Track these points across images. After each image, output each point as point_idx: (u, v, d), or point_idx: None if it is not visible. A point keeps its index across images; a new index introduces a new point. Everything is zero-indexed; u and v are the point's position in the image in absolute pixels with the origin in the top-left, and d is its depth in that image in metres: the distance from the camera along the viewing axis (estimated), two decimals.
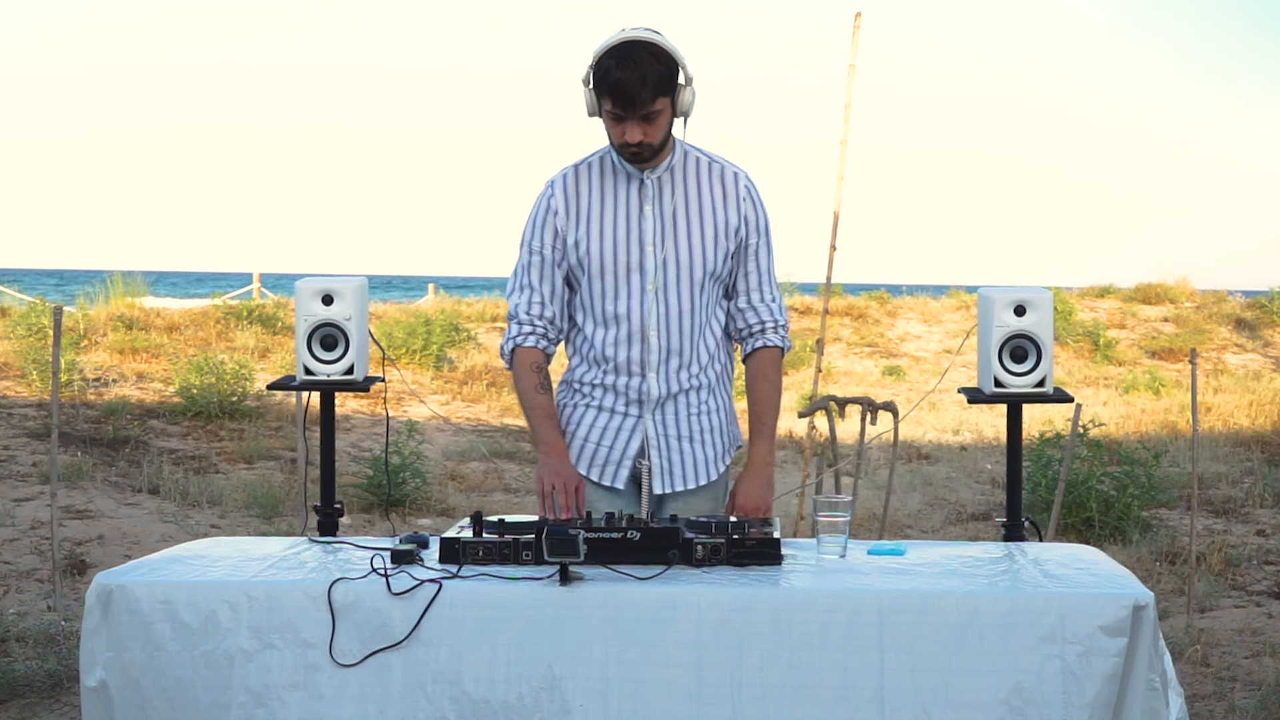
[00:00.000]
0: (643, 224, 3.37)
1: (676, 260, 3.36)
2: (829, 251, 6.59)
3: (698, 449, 3.44)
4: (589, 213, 3.38)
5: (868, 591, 2.79)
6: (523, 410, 3.45)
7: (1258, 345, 18.61)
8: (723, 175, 3.42)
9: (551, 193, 3.42)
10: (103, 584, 2.89)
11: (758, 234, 3.44)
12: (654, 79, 3.20)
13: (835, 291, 19.93)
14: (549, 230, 3.40)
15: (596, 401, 3.44)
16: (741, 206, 3.41)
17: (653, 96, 3.21)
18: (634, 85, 3.19)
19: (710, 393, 3.46)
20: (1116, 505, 7.99)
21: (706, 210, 3.39)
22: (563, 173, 3.44)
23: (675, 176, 3.40)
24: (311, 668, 2.81)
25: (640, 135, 3.25)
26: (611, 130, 3.29)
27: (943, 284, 22.34)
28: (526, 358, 3.42)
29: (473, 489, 9.54)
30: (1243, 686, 5.04)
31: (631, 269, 3.36)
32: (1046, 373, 3.61)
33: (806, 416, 6.07)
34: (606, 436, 3.43)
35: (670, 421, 3.42)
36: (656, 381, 3.39)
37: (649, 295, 3.36)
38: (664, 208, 3.38)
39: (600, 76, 3.22)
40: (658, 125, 3.27)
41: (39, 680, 4.85)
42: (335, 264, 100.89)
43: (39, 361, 11.33)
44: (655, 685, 2.73)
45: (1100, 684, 2.70)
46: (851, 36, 6.42)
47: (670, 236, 3.36)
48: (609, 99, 3.22)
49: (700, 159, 3.43)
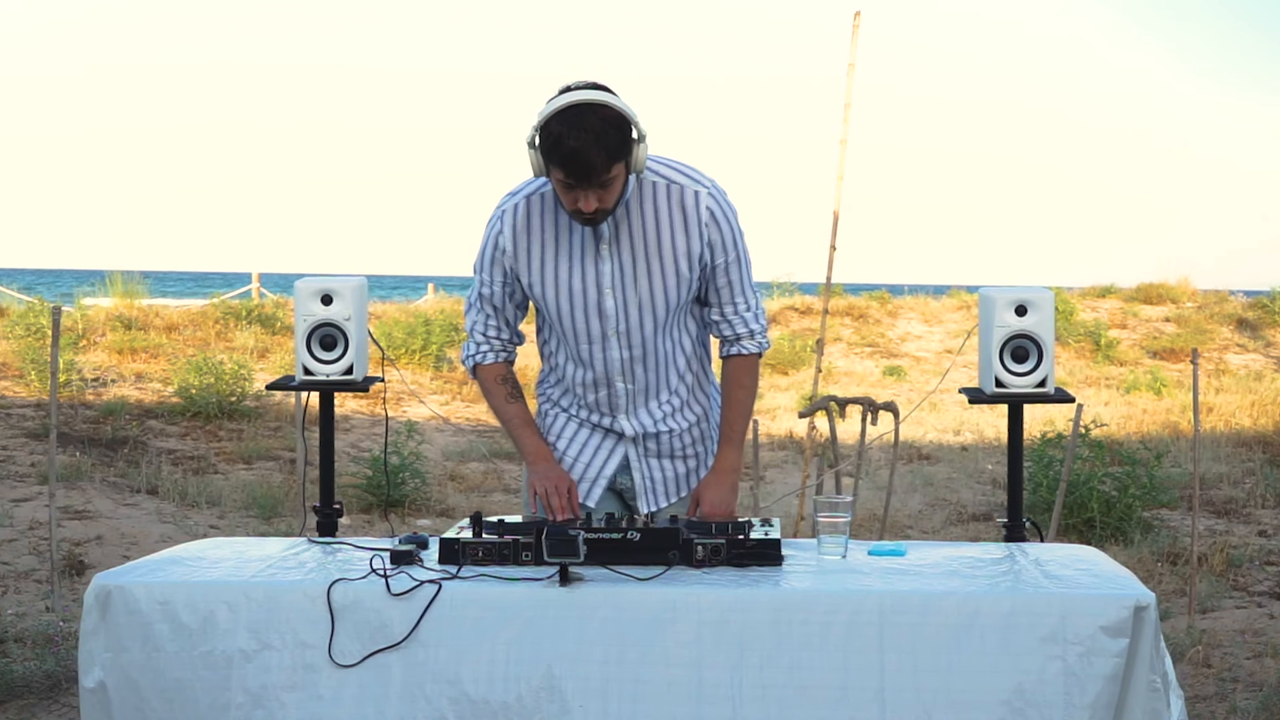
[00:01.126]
0: (599, 267, 3.20)
1: (639, 302, 3.21)
2: (829, 251, 6.58)
3: (678, 464, 3.43)
4: (541, 256, 3.22)
5: (868, 592, 2.79)
6: (501, 423, 3.42)
7: (1259, 345, 18.60)
8: (682, 198, 3.18)
9: (500, 229, 3.24)
10: (101, 585, 2.89)
11: (724, 252, 3.23)
12: (610, 146, 2.96)
13: (835, 291, 19.93)
14: (498, 268, 3.27)
15: (576, 413, 3.41)
16: (705, 231, 3.19)
17: (607, 165, 2.98)
18: (588, 156, 2.94)
19: (685, 405, 3.41)
20: (1118, 506, 7.98)
21: (665, 243, 3.18)
22: (513, 203, 3.24)
23: (631, 211, 3.18)
24: (310, 668, 2.80)
25: (595, 203, 3.04)
26: (563, 197, 3.06)
27: (943, 284, 22.34)
28: (491, 373, 3.39)
29: (472, 489, 9.53)
30: (1244, 687, 5.03)
31: (590, 313, 3.23)
32: (1047, 373, 3.60)
33: (807, 417, 6.06)
34: (585, 453, 3.40)
35: (651, 442, 3.39)
36: (628, 420, 3.36)
37: (611, 340, 3.26)
38: (621, 248, 3.19)
39: (550, 145, 2.97)
40: (612, 190, 3.05)
41: (37, 681, 4.84)
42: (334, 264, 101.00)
43: (37, 361, 11.32)
44: (655, 686, 2.73)
45: (1101, 685, 2.69)
46: (851, 35, 6.41)
47: (630, 277, 3.20)
48: (560, 170, 2.99)
49: (658, 183, 3.18)
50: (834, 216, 6.56)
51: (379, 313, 16.90)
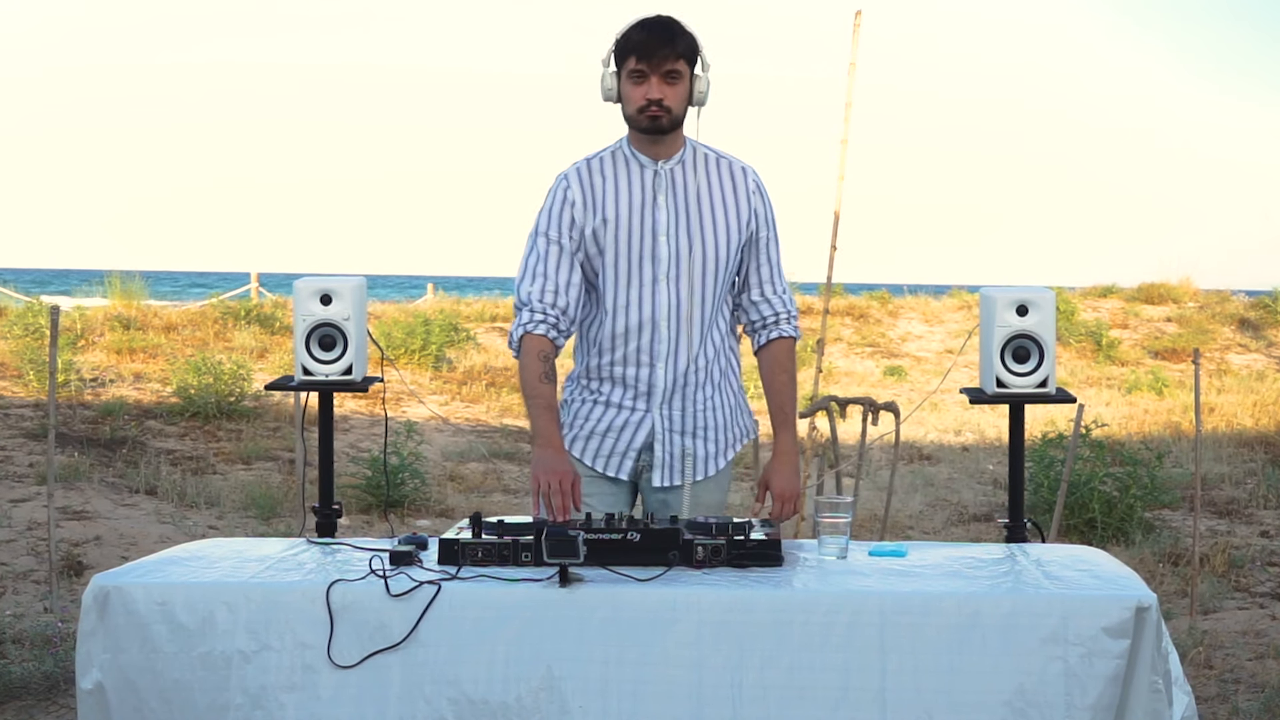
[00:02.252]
0: (656, 214, 3.39)
1: (690, 250, 3.38)
2: (830, 251, 6.56)
3: (700, 444, 3.45)
4: (603, 202, 3.39)
5: (869, 593, 2.78)
6: (524, 398, 3.42)
7: (1261, 345, 18.59)
8: (731, 169, 3.46)
9: (568, 184, 3.43)
10: (100, 585, 2.88)
11: (767, 227, 3.48)
12: (680, 40, 3.30)
13: (836, 291, 19.92)
14: (565, 219, 3.40)
15: (604, 397, 3.44)
16: (751, 200, 3.45)
17: (676, 55, 3.29)
18: (660, 40, 3.28)
19: (715, 388, 3.46)
20: (1119, 506, 7.97)
21: (718, 202, 3.42)
22: (575, 166, 3.46)
23: (687, 169, 3.43)
24: (309, 669, 2.80)
25: (660, 94, 3.30)
26: (631, 95, 3.32)
27: (944, 284, 22.32)
28: (535, 345, 3.37)
29: (472, 490, 9.52)
30: (1246, 689, 5.02)
31: (645, 258, 3.38)
32: (1049, 373, 3.59)
33: (807, 417, 6.04)
34: (614, 429, 3.44)
35: (677, 416, 3.42)
36: (665, 372, 3.39)
37: (661, 285, 3.38)
38: (677, 198, 3.40)
39: (624, 40, 3.30)
40: (677, 89, 3.32)
41: (35, 682, 4.83)
42: (333, 263, 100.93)
43: (36, 361, 11.30)
44: (655, 686, 2.72)
45: (1103, 685, 2.69)
46: (852, 35, 6.40)
47: (684, 226, 3.39)
48: (633, 56, 3.28)
49: (709, 155, 3.47)
50: (835, 216, 6.55)
51: (378, 313, 16.89)
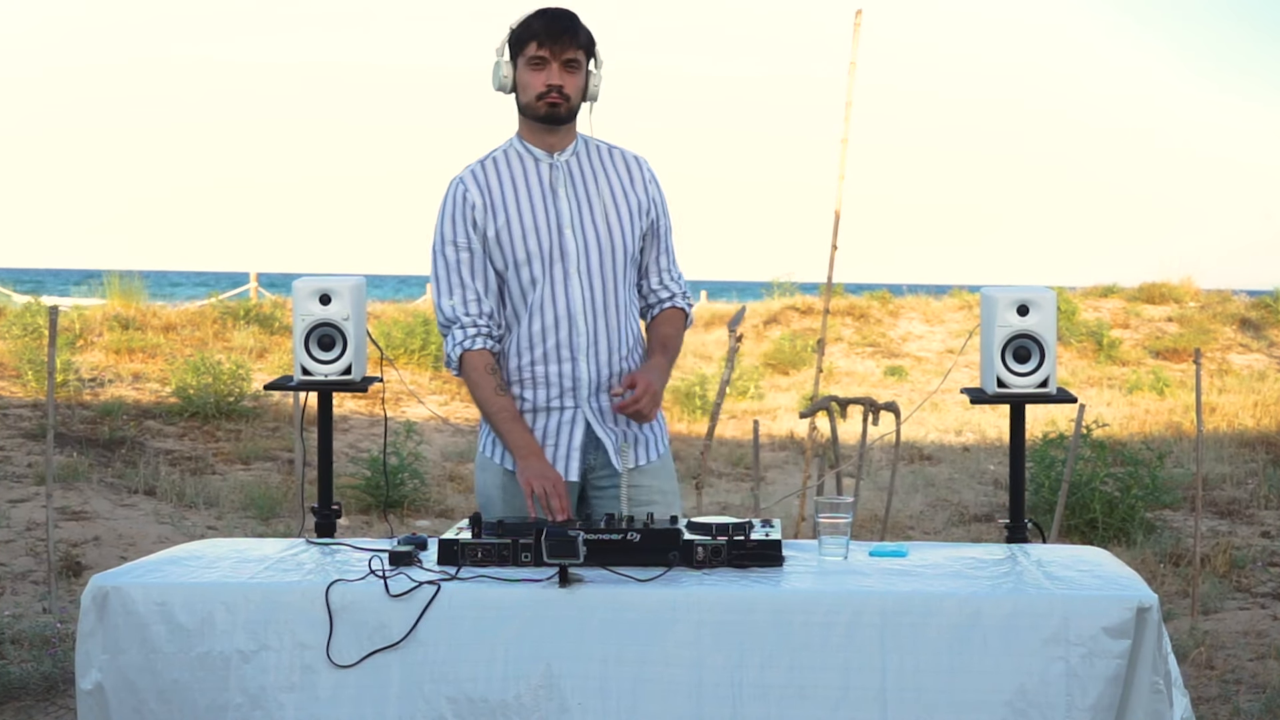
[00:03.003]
0: (558, 206, 3.38)
1: (598, 242, 3.38)
2: (830, 251, 6.56)
3: (637, 429, 3.43)
4: (503, 201, 3.37)
5: (870, 593, 2.77)
6: (485, 416, 3.39)
7: (1263, 345, 18.58)
8: (625, 160, 3.47)
9: (465, 188, 3.39)
10: (98, 586, 2.88)
11: (664, 216, 3.51)
12: (580, 30, 3.33)
13: (836, 291, 19.92)
14: (467, 223, 3.37)
15: (530, 404, 3.39)
16: (649, 189, 3.46)
17: (578, 45, 3.32)
18: (562, 25, 3.30)
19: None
20: (1120, 507, 7.96)
21: (618, 191, 3.43)
22: (469, 168, 3.43)
23: (583, 160, 3.43)
24: (308, 669, 2.79)
25: (561, 80, 3.31)
26: (531, 80, 3.33)
27: (945, 283, 22.31)
28: (478, 361, 3.35)
29: (471, 490, 9.51)
30: (1247, 689, 5.01)
31: (553, 255, 3.36)
32: (1049, 373, 3.59)
33: (808, 417, 6.04)
34: (549, 435, 3.39)
35: (608, 407, 3.39)
36: (587, 365, 3.36)
37: (572, 278, 3.36)
38: (577, 190, 3.40)
39: (523, 29, 3.33)
40: (576, 79, 3.34)
41: (34, 683, 4.83)
42: (333, 263, 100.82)
43: (34, 361, 11.29)
44: (655, 685, 2.72)
45: (1103, 686, 2.68)
46: (852, 34, 6.40)
47: (588, 219, 3.38)
48: (534, 43, 3.30)
49: (602, 147, 3.47)
50: (835, 216, 6.54)
51: (377, 312, 16.88)
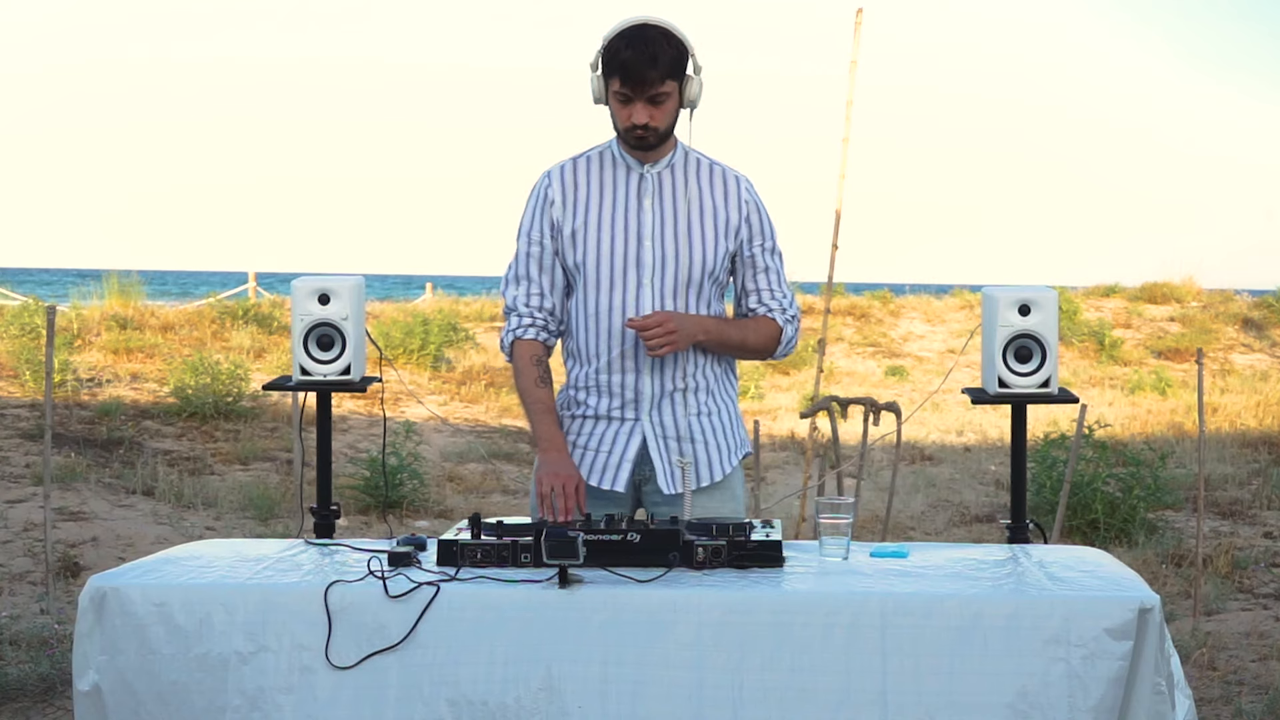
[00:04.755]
0: (641, 218, 3.33)
1: (676, 257, 3.32)
2: (831, 250, 6.55)
3: (699, 449, 3.37)
4: (585, 204, 3.34)
5: (870, 594, 2.76)
6: (522, 404, 3.41)
7: (1265, 345, 18.58)
8: (724, 177, 3.40)
9: (549, 183, 3.38)
10: (96, 586, 2.86)
11: (763, 238, 3.40)
12: (664, 60, 3.20)
13: (837, 291, 19.91)
14: (545, 220, 3.37)
15: (592, 410, 3.38)
16: (744, 208, 3.38)
17: (662, 78, 3.21)
18: (643, 64, 3.18)
19: (709, 395, 3.39)
20: (1122, 507, 7.95)
21: (707, 208, 3.36)
22: (560, 165, 3.41)
23: (676, 173, 3.37)
24: (307, 670, 2.78)
25: (646, 118, 3.23)
26: (618, 113, 3.27)
27: (946, 283, 22.35)
28: (526, 350, 3.37)
29: (471, 490, 9.50)
30: (1250, 690, 5.00)
31: (628, 263, 3.32)
32: (1051, 373, 3.57)
33: (808, 417, 6.03)
34: (605, 443, 3.37)
35: (669, 423, 3.36)
36: (650, 379, 3.34)
37: (645, 289, 3.32)
38: (664, 203, 3.34)
39: (609, 57, 3.22)
40: (664, 109, 3.25)
41: (32, 684, 4.82)
42: (332, 263, 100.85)
43: (32, 361, 11.28)
44: (655, 687, 2.71)
45: (1105, 687, 2.67)
46: (853, 33, 6.38)
47: (670, 232, 3.33)
48: (617, 78, 3.21)
49: (701, 160, 3.40)
50: (836, 215, 6.54)
51: (377, 312, 16.89)
